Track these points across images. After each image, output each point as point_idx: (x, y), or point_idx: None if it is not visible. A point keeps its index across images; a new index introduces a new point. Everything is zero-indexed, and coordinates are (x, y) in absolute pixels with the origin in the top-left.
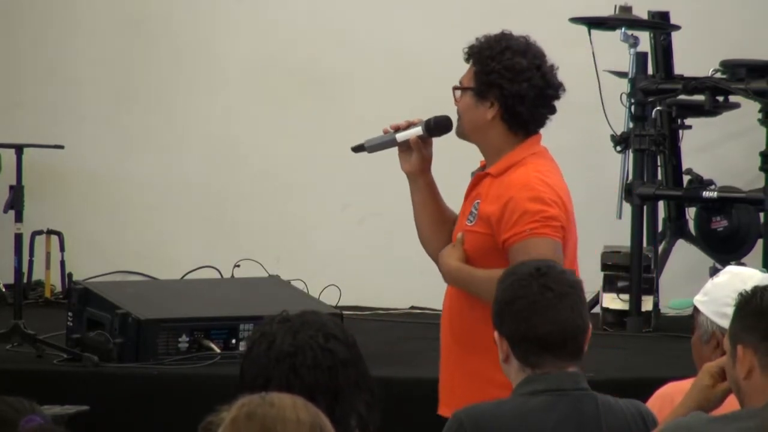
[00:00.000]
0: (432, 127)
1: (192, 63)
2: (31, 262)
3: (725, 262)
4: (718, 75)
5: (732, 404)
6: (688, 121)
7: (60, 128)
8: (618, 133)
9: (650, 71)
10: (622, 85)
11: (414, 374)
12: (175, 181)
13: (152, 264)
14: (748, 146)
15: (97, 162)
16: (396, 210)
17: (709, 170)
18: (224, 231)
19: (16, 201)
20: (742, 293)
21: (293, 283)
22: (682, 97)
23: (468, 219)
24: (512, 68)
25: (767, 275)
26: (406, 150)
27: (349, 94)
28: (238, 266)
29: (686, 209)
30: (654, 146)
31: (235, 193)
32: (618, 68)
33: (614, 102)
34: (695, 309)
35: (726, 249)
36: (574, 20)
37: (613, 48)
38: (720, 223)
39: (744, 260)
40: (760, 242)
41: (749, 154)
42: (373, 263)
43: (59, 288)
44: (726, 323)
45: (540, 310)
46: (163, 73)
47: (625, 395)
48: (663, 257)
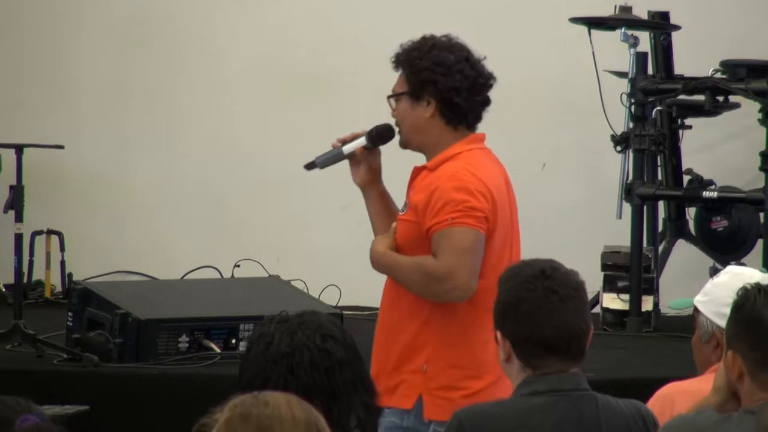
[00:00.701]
0: (375, 137)
1: (192, 63)
2: (31, 262)
3: (725, 262)
4: (718, 75)
5: None
6: (688, 121)
7: (60, 128)
8: (618, 133)
9: (650, 71)
10: (622, 85)
11: None
12: (175, 181)
13: (152, 264)
14: (748, 146)
15: (97, 162)
16: None
17: (709, 170)
18: (224, 231)
19: (16, 201)
20: (738, 293)
21: (293, 283)
22: (682, 97)
23: (401, 209)
24: (442, 63)
25: (767, 275)
26: (356, 162)
27: (350, 94)
28: (238, 266)
29: (686, 209)
30: (654, 146)
31: (235, 193)
32: (618, 68)
33: (614, 102)
34: (695, 309)
35: (726, 249)
36: (574, 20)
37: (613, 48)
38: (720, 223)
39: (744, 260)
40: (760, 242)
41: (749, 154)
42: None
43: (59, 288)
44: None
45: (544, 313)
46: (164, 73)
47: (625, 395)
48: (663, 257)
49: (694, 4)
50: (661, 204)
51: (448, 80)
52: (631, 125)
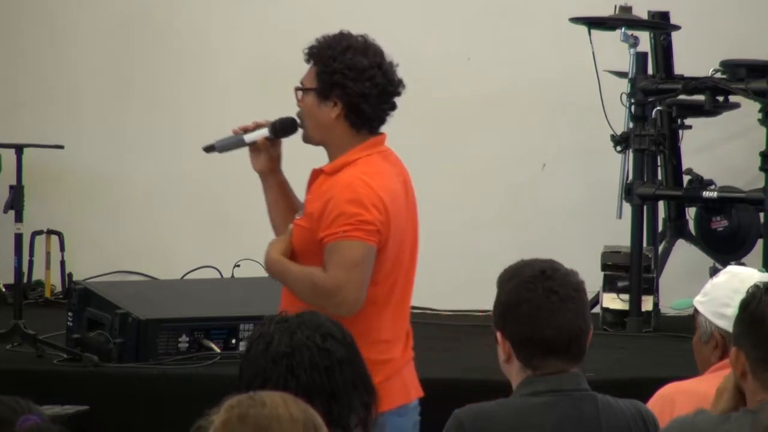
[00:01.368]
0: (278, 129)
1: (192, 63)
2: (31, 262)
3: (725, 262)
4: (718, 75)
5: None
6: (688, 121)
7: (60, 128)
8: (618, 133)
9: (650, 71)
10: (622, 85)
11: None
12: (175, 181)
13: (152, 264)
14: (748, 146)
15: (97, 162)
16: None
17: (709, 170)
18: (224, 231)
19: (16, 201)
20: (747, 292)
21: None
22: (682, 97)
23: (298, 213)
24: (354, 67)
25: (766, 275)
26: (256, 150)
27: None
28: (238, 266)
29: (686, 209)
30: (654, 146)
31: (235, 193)
32: (618, 68)
33: (614, 102)
34: (695, 309)
35: (726, 249)
36: (574, 20)
37: (613, 48)
38: (720, 223)
39: (744, 260)
40: (760, 242)
41: (749, 154)
42: None
43: (59, 288)
44: (724, 323)
45: (545, 314)
46: (163, 74)
47: (625, 395)
48: (663, 257)
49: (694, 4)
50: (661, 204)
51: (358, 86)
52: (631, 125)
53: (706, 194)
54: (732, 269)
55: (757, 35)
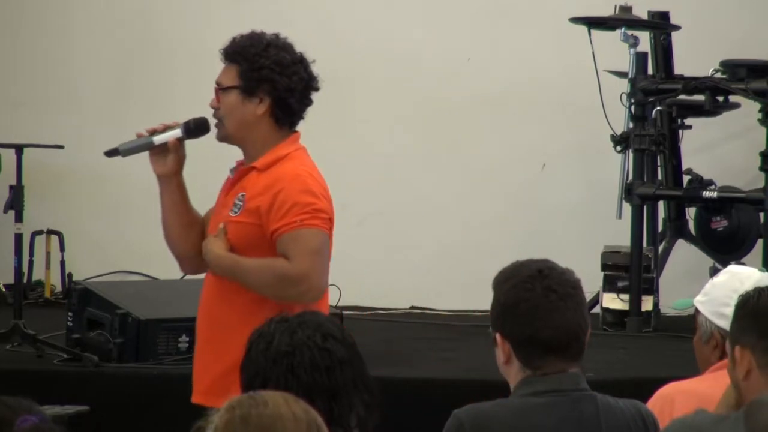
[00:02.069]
0: (192, 129)
1: (192, 63)
2: (31, 262)
3: (725, 262)
4: (718, 75)
5: None
6: (688, 121)
7: (60, 128)
8: (618, 133)
9: (650, 71)
10: (622, 85)
11: (414, 374)
12: None
13: (152, 264)
14: (748, 146)
15: (97, 162)
16: (396, 210)
17: (709, 170)
18: None
19: (16, 201)
20: (742, 294)
21: None
22: (682, 97)
23: (232, 210)
24: (281, 63)
25: (766, 275)
26: (159, 153)
27: (349, 95)
28: None
29: (686, 209)
30: (654, 146)
31: None
32: (618, 68)
33: (614, 102)
34: (695, 309)
35: (726, 249)
36: (574, 20)
37: (613, 48)
38: (720, 223)
39: (744, 260)
40: (760, 242)
41: (749, 154)
42: (373, 263)
43: (59, 288)
44: (723, 323)
45: (544, 313)
46: (163, 74)
47: (625, 395)
48: (663, 257)
49: (694, 4)
50: (661, 204)
51: (284, 80)
52: (631, 125)
53: (706, 194)
54: (732, 269)
55: (757, 35)
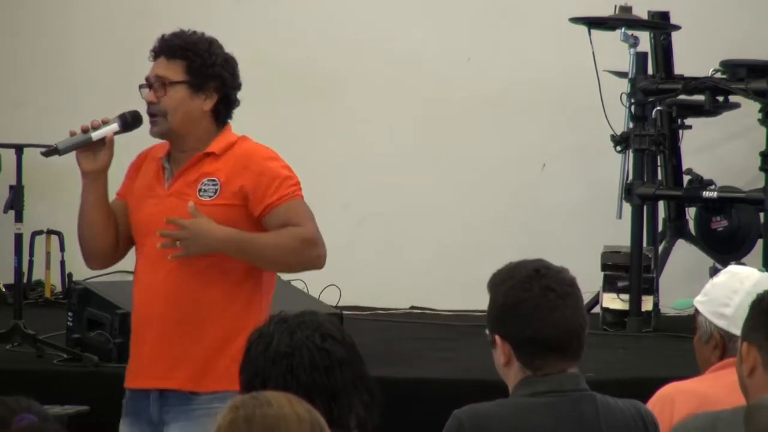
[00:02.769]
0: (129, 122)
1: None
2: (31, 262)
3: (725, 262)
4: (718, 75)
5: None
6: (688, 121)
7: (60, 128)
8: (618, 133)
9: (650, 71)
10: (622, 85)
11: (414, 374)
12: None
13: None
14: (748, 146)
15: None
16: (396, 210)
17: (709, 170)
18: None
19: (16, 201)
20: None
21: (293, 283)
22: (682, 97)
23: (201, 195)
24: (228, 60)
25: (766, 275)
26: (89, 149)
27: (349, 95)
28: None
29: (686, 209)
30: (654, 146)
31: None
32: (618, 68)
33: (614, 102)
34: (695, 309)
35: (726, 249)
36: (574, 20)
37: (613, 48)
38: (720, 223)
39: (744, 260)
40: (760, 242)
41: (749, 154)
42: (373, 263)
43: (59, 288)
44: (723, 323)
45: (544, 312)
46: None
47: (625, 395)
48: (663, 257)
49: (694, 4)
50: (661, 204)
51: (231, 77)
52: (631, 125)
53: (706, 194)
54: (732, 269)
55: (757, 35)
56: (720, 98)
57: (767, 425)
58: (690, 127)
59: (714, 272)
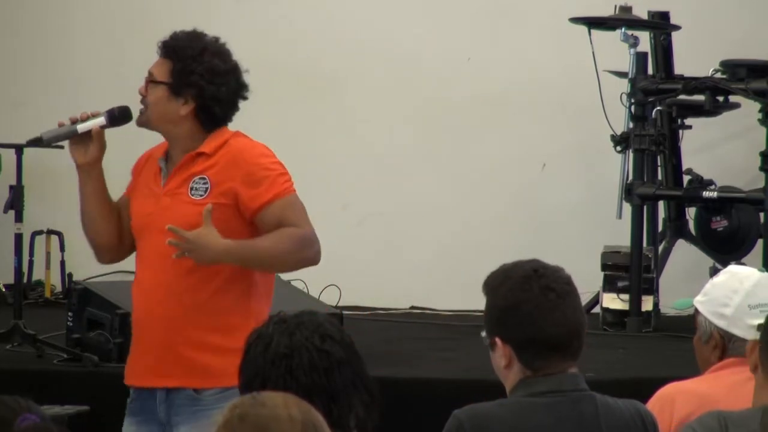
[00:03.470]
0: (117, 117)
1: None
2: (31, 262)
3: (725, 262)
4: (718, 75)
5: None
6: (688, 121)
7: None
8: (618, 133)
9: (650, 71)
10: (622, 85)
11: (414, 374)
12: None
13: None
14: (748, 146)
15: None
16: (396, 210)
17: (709, 170)
18: None
19: (16, 201)
20: None
21: (293, 283)
22: (682, 97)
23: (192, 194)
24: (212, 71)
25: (766, 275)
26: (80, 142)
27: (349, 95)
28: None
29: (686, 209)
30: (654, 146)
31: None
32: (618, 68)
33: (614, 102)
34: (695, 309)
35: (726, 249)
36: (574, 20)
37: (613, 48)
38: (720, 223)
39: (744, 260)
40: (760, 242)
41: (749, 154)
42: (373, 263)
43: (59, 288)
44: (723, 323)
45: (545, 312)
46: None
47: (625, 395)
48: (663, 257)
49: (694, 4)
50: (661, 204)
51: (211, 89)
52: (631, 125)
53: (706, 194)
54: (732, 269)
55: (757, 35)
56: (720, 98)
57: None
58: (690, 127)
59: (714, 272)
